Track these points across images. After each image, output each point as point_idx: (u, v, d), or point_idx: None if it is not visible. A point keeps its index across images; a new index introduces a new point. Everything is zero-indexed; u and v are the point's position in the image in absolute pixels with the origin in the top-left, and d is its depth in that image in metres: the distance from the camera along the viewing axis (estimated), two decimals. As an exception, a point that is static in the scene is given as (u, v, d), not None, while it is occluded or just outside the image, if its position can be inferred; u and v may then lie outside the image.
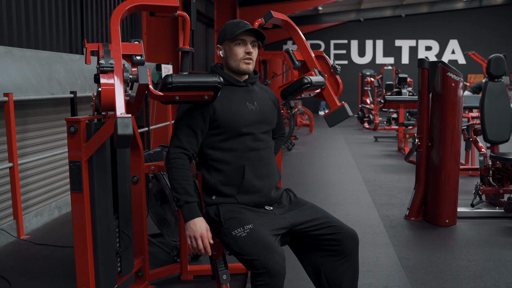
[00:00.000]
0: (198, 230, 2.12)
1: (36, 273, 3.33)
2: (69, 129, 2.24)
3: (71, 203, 2.33)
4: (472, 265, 3.41)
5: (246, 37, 2.30)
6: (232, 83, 2.35)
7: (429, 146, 4.44)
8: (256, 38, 2.33)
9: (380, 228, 4.27)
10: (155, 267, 3.28)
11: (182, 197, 2.15)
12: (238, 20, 2.34)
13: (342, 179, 6.50)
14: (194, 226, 2.13)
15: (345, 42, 20.47)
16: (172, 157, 2.21)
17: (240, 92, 2.35)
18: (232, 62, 2.33)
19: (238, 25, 2.29)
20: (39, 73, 4.32)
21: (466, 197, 5.06)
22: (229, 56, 2.33)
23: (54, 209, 4.66)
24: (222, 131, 2.27)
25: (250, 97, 2.36)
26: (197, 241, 2.12)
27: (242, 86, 2.37)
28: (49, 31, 5.01)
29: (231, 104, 2.29)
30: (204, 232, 2.13)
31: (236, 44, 2.30)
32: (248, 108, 2.32)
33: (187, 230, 2.14)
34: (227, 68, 2.38)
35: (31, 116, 4.45)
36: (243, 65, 2.31)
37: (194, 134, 2.24)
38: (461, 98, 4.25)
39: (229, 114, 2.26)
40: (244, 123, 2.28)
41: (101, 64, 1.88)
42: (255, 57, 2.35)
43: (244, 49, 2.30)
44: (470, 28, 19.67)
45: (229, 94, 2.32)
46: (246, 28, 2.26)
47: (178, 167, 2.19)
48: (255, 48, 2.35)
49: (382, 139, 10.91)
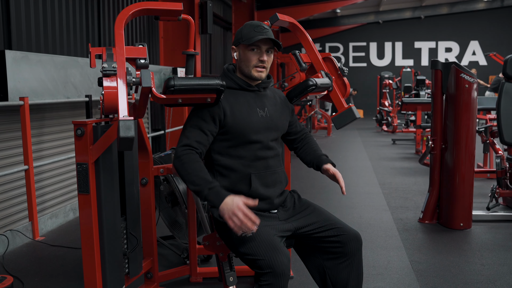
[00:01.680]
0: (234, 205, 1.96)
1: (49, 274, 3.38)
2: (76, 131, 2.27)
3: (78, 204, 2.36)
4: (485, 270, 3.36)
5: (261, 44, 2.22)
6: (243, 87, 2.30)
7: (443, 148, 4.39)
8: (272, 44, 2.24)
9: (393, 231, 4.23)
10: (166, 269, 3.30)
11: (203, 187, 2.02)
12: (257, 23, 2.26)
13: (357, 181, 6.46)
14: (227, 205, 1.97)
15: (364, 45, 20.36)
16: (180, 154, 2.11)
17: (251, 97, 2.30)
18: (245, 67, 2.26)
19: (256, 29, 2.21)
20: (54, 77, 4.40)
21: (483, 200, 4.98)
22: (242, 61, 2.27)
23: (69, 211, 4.73)
24: (230, 137, 2.24)
25: (261, 103, 2.31)
26: (238, 216, 1.95)
27: (254, 90, 2.32)
28: (67, 36, 5.09)
29: (241, 110, 2.23)
30: (240, 204, 1.97)
31: (250, 50, 2.23)
32: (258, 115, 2.27)
33: (223, 213, 1.98)
34: (239, 71, 2.32)
35: (47, 119, 4.53)
36: (255, 73, 2.25)
37: (204, 135, 2.18)
38: (475, 100, 4.19)
39: (238, 120, 2.22)
40: (253, 130, 2.23)
41: (104, 67, 1.90)
42: (269, 64, 2.27)
43: (258, 56, 2.22)
44: (491, 29, 19.38)
45: (240, 99, 2.27)
46: (262, 37, 2.18)
47: (189, 161, 2.09)
48: (270, 55, 2.26)
49: (400, 141, 10.81)
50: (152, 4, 2.17)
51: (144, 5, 2.14)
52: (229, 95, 2.25)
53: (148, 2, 2.17)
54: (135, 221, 2.71)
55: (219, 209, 2.00)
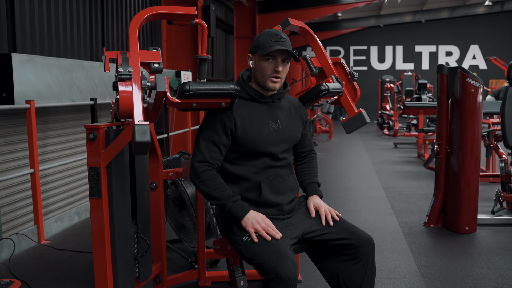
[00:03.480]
0: (258, 217, 2.12)
1: (56, 278, 3.37)
2: (88, 136, 2.28)
3: (90, 209, 2.36)
4: (492, 274, 3.36)
5: (278, 54, 2.19)
6: (256, 99, 2.27)
7: (449, 153, 4.39)
8: (289, 54, 2.22)
9: (398, 235, 4.23)
10: (173, 273, 3.30)
11: (226, 201, 2.14)
12: (275, 31, 2.22)
13: (361, 185, 6.47)
14: (252, 217, 2.12)
15: (364, 48, 20.39)
16: (198, 171, 2.17)
17: (264, 109, 2.28)
18: (260, 77, 2.24)
19: (272, 38, 2.18)
20: (60, 81, 4.40)
21: (487, 204, 4.99)
22: (257, 70, 2.24)
23: (74, 215, 4.73)
24: (240, 150, 2.24)
25: (273, 115, 2.29)
26: (260, 226, 2.09)
27: (267, 102, 2.30)
28: (71, 39, 5.11)
29: (253, 123, 2.23)
30: (263, 216, 2.13)
31: (266, 60, 2.20)
32: (269, 128, 2.26)
33: (246, 223, 2.11)
34: (254, 80, 2.29)
35: (52, 122, 4.53)
36: (269, 83, 2.22)
37: (218, 150, 2.20)
38: (480, 104, 4.20)
39: (249, 134, 2.21)
40: (263, 143, 2.23)
41: (119, 72, 1.91)
42: (284, 74, 2.25)
43: (274, 66, 2.20)
44: (491, 33, 19.43)
45: (253, 111, 2.25)
46: (279, 46, 2.15)
47: (208, 178, 2.17)
48: (286, 65, 2.24)
49: (401, 145, 10.82)
50: (166, 9, 2.18)
51: (158, 9, 2.15)
52: (242, 106, 2.24)
53: (162, 7, 2.18)
54: (145, 225, 2.71)
55: (242, 221, 2.12)
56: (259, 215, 2.13)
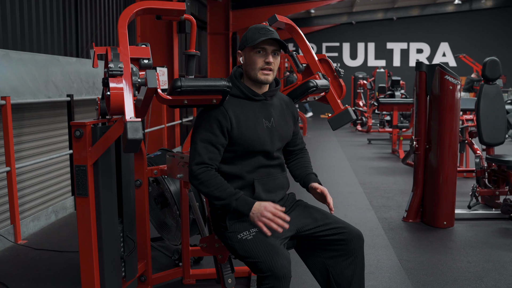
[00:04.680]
0: (261, 208, 2.07)
1: (36, 279, 3.30)
2: (74, 133, 2.22)
3: (76, 207, 2.31)
4: (472, 267, 3.43)
5: (267, 46, 2.17)
6: (249, 97, 2.25)
7: (427, 149, 4.46)
8: (279, 46, 2.20)
9: (379, 230, 4.28)
10: (156, 271, 3.26)
11: (230, 200, 2.10)
12: (262, 25, 2.21)
13: (338, 181, 6.52)
14: (256, 210, 2.07)
15: (337, 45, 20.56)
16: (197, 173, 2.13)
17: (258, 107, 2.26)
18: (251, 71, 2.21)
19: (260, 31, 2.16)
20: (36, 76, 4.29)
21: (462, 199, 5.09)
22: (248, 64, 2.21)
23: (51, 213, 4.62)
24: (235, 149, 2.22)
25: (267, 113, 2.27)
26: (267, 217, 2.05)
27: (261, 100, 2.27)
28: (44, 34, 4.97)
29: (247, 122, 2.20)
30: (267, 205, 2.08)
31: (256, 52, 2.18)
32: (263, 126, 2.24)
33: (255, 218, 2.07)
34: (246, 76, 2.27)
35: (27, 119, 4.41)
36: (261, 76, 2.19)
37: (217, 150, 2.17)
38: (458, 101, 4.28)
39: (244, 134, 2.19)
40: (258, 143, 2.22)
41: (110, 67, 1.86)
42: (275, 67, 2.22)
43: (264, 58, 2.17)
44: (460, 31, 19.85)
45: (246, 109, 2.22)
46: (267, 37, 2.13)
47: (208, 179, 2.13)
48: (276, 57, 2.21)
49: (375, 141, 10.95)
50: (155, 4, 2.14)
51: (147, 4, 2.11)
52: (235, 104, 2.21)
53: (152, 2, 2.14)
54: (131, 223, 2.67)
55: (249, 216, 2.09)
56: (263, 205, 2.08)
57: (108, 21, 6.63)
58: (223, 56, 13.02)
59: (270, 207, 2.08)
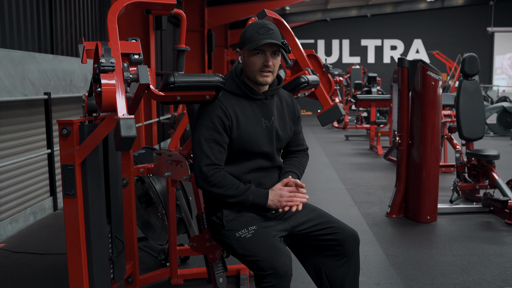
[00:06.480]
0: (277, 193, 2.13)
1: (17, 283, 3.19)
2: (61, 131, 2.14)
3: (63, 208, 2.23)
4: (458, 260, 3.46)
5: (266, 47, 2.09)
6: (248, 95, 2.18)
7: (410, 144, 4.49)
8: (278, 46, 2.12)
9: (363, 226, 4.29)
10: (142, 272, 3.19)
11: (246, 195, 2.10)
12: (262, 23, 2.12)
13: (319, 178, 6.52)
14: (273, 196, 2.13)
15: (311, 42, 20.64)
16: (208, 175, 2.07)
17: (257, 106, 2.19)
18: (249, 72, 2.14)
19: (259, 31, 2.08)
20: (11, 74, 4.16)
21: (443, 194, 5.14)
22: (246, 65, 2.14)
23: (29, 215, 4.49)
24: (234, 149, 2.16)
25: (266, 113, 2.21)
26: (285, 197, 2.12)
27: (260, 99, 2.21)
28: (17, 29, 4.82)
29: (247, 122, 2.14)
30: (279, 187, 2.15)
31: (254, 54, 2.10)
32: (262, 127, 2.18)
33: (276, 204, 2.12)
34: (245, 75, 2.20)
35: (3, 118, 4.27)
36: (260, 78, 2.12)
37: (223, 149, 2.12)
38: (440, 97, 4.31)
39: (244, 134, 2.14)
40: (257, 144, 2.17)
41: (101, 63, 1.79)
42: (276, 67, 2.14)
43: (263, 60, 2.10)
44: (433, 28, 20.16)
45: (246, 108, 2.16)
46: (265, 40, 2.05)
47: (220, 180, 2.08)
48: (276, 58, 2.13)
49: (353, 137, 11.03)
50: (144, -3, 2.08)
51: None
52: (234, 102, 2.15)
53: (142, -5, 2.07)
54: (119, 224, 2.60)
55: (268, 206, 2.12)
56: (275, 191, 2.14)
57: (83, 17, 6.48)
58: (198, 53, 12.90)
59: (282, 188, 2.14)
